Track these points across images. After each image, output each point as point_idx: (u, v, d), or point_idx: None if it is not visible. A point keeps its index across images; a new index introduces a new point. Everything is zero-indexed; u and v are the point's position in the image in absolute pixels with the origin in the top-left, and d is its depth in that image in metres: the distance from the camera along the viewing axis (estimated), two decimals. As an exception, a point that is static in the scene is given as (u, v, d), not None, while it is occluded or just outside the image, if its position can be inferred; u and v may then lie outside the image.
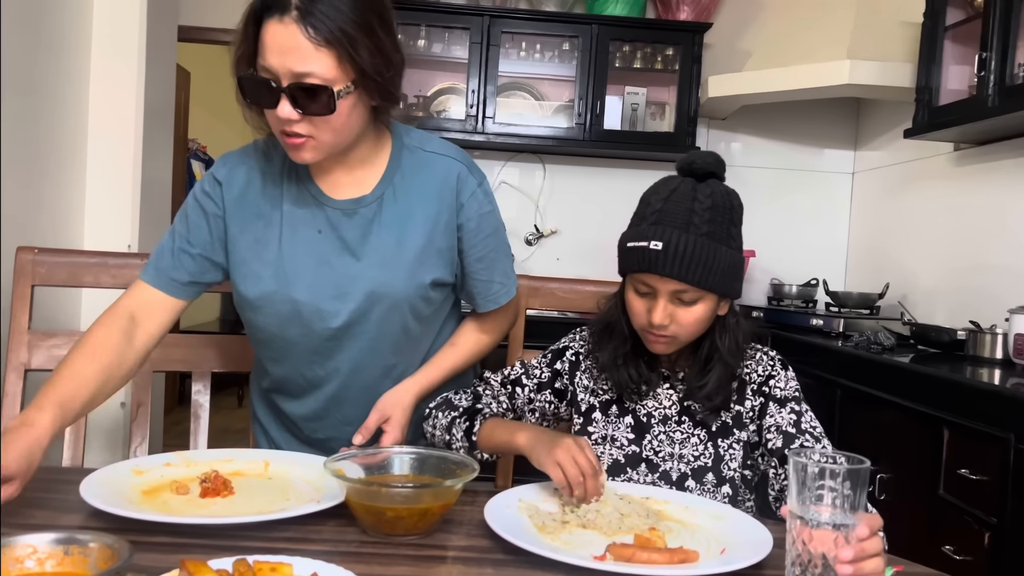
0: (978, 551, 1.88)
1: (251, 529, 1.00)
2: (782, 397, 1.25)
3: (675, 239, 1.14)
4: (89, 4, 2.33)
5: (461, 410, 1.29)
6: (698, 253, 1.14)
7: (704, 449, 1.25)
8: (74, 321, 2.30)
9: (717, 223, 1.17)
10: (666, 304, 1.17)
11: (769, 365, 1.28)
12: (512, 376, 1.37)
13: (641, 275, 1.18)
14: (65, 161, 2.26)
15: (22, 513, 1.02)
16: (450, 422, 1.28)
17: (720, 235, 1.17)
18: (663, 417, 1.27)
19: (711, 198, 1.17)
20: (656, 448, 1.26)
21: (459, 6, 3.76)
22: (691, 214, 1.16)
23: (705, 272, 1.14)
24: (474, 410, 1.28)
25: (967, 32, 2.71)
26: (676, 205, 1.17)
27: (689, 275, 1.14)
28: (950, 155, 3.17)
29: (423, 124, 3.76)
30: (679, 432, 1.26)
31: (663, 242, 1.14)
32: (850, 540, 0.82)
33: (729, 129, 4.08)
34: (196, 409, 1.49)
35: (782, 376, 1.27)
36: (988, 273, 2.89)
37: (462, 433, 1.26)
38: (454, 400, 1.32)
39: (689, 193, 1.18)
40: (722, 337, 1.23)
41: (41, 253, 1.47)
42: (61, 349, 1.43)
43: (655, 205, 1.19)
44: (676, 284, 1.15)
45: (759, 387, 1.27)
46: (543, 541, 0.99)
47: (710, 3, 3.86)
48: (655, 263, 1.15)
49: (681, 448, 1.26)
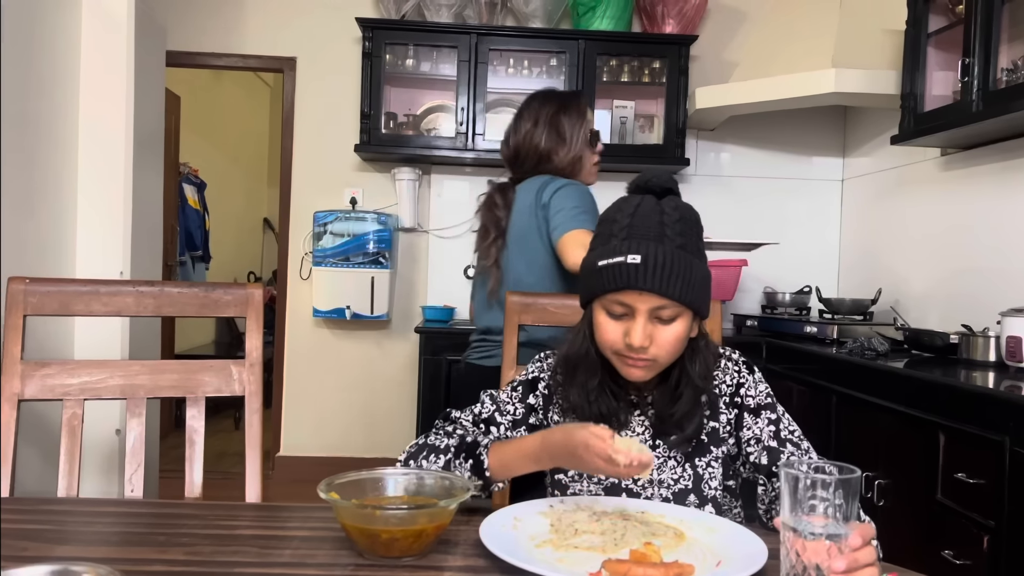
0: (977, 555, 1.88)
1: (247, 555, 1.00)
2: (756, 406, 1.23)
3: (652, 251, 1.10)
4: (77, 32, 2.34)
5: (453, 450, 1.17)
6: (676, 265, 1.10)
7: (683, 472, 1.22)
8: (67, 350, 2.30)
9: (688, 236, 1.14)
10: (645, 323, 1.12)
11: (735, 372, 1.25)
12: (484, 415, 1.28)
13: (617, 294, 1.13)
14: (56, 189, 2.27)
15: (16, 545, 1.01)
16: (445, 465, 1.17)
17: (692, 248, 1.14)
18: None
19: (678, 211, 1.15)
20: (635, 476, 1.24)
21: (446, 25, 3.78)
22: (663, 227, 1.12)
23: (685, 285, 1.11)
24: (468, 445, 1.18)
25: (950, 38, 2.74)
26: (645, 219, 1.13)
27: (670, 288, 1.10)
28: (937, 160, 3.19)
29: (413, 142, 3.78)
30: (655, 457, 1.22)
31: (641, 255, 1.10)
32: (843, 550, 0.82)
33: (718, 140, 4.10)
34: (191, 435, 1.49)
35: (751, 382, 1.24)
36: (979, 276, 2.91)
37: (468, 472, 1.16)
38: (433, 443, 1.20)
39: (655, 207, 1.15)
40: (692, 361, 1.19)
41: (32, 283, 1.48)
42: (54, 379, 1.43)
43: (622, 221, 1.15)
44: (656, 299, 1.11)
45: (731, 398, 1.24)
46: (539, 559, 0.99)
47: (695, 16, 3.89)
48: (634, 278, 1.10)
49: (659, 473, 1.22)
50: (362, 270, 3.81)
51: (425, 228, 4.08)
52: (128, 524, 1.17)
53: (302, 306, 4.06)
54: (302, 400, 4.10)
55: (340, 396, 4.09)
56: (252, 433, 1.48)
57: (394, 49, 3.79)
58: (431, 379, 3.45)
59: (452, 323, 3.85)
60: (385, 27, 3.75)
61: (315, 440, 4.09)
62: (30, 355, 1.45)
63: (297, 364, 4.09)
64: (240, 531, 1.12)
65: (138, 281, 1.52)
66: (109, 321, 2.32)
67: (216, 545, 1.04)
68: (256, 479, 1.44)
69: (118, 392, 1.46)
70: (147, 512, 1.23)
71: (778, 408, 1.24)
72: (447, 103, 3.88)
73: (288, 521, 1.17)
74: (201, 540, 1.06)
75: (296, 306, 4.09)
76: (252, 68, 4.29)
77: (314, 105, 4.05)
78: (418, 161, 3.96)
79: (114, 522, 1.18)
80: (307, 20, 4.03)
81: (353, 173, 4.06)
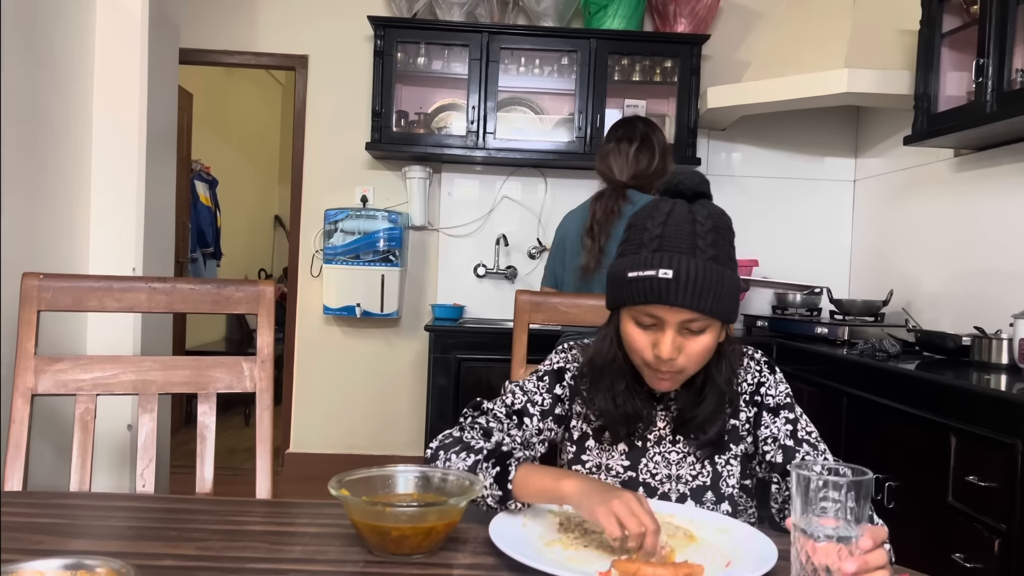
0: (988, 558, 1.87)
1: (257, 551, 1.00)
2: (775, 405, 1.23)
3: (684, 266, 1.07)
4: (91, 30, 2.36)
5: (485, 452, 1.14)
6: (708, 279, 1.08)
7: (701, 468, 1.22)
8: (80, 345, 2.31)
9: (720, 246, 1.11)
10: (674, 336, 1.10)
11: (757, 371, 1.25)
12: (516, 406, 1.26)
13: (647, 307, 1.10)
14: (69, 186, 2.28)
15: (31, 539, 1.02)
16: (472, 465, 1.13)
17: (723, 258, 1.11)
18: (657, 439, 1.24)
19: (710, 219, 1.11)
20: (652, 471, 1.23)
21: (458, 23, 3.79)
22: (695, 237, 1.09)
23: (716, 299, 1.08)
24: (501, 453, 1.13)
25: (964, 39, 2.72)
26: (677, 229, 1.10)
27: (701, 303, 1.07)
28: (950, 161, 3.17)
29: (424, 141, 3.79)
30: (674, 452, 1.23)
31: (673, 270, 1.07)
32: (854, 552, 0.82)
33: (729, 139, 4.09)
34: (202, 431, 1.49)
35: (771, 382, 1.25)
36: (992, 278, 2.89)
37: (492, 480, 1.11)
38: (467, 440, 1.18)
39: (687, 215, 1.11)
40: (718, 366, 1.18)
41: (46, 279, 1.49)
42: (68, 374, 1.44)
43: (653, 230, 1.11)
44: (687, 314, 1.09)
45: (751, 397, 1.24)
46: (548, 558, 0.99)
47: (707, 15, 3.88)
48: (665, 293, 1.07)
49: (678, 469, 1.23)
50: (372, 268, 3.82)
51: (435, 226, 4.09)
52: (140, 519, 1.17)
53: (312, 304, 4.08)
54: (312, 397, 4.12)
55: (350, 394, 4.10)
56: (263, 429, 1.49)
57: (406, 47, 3.79)
58: (441, 377, 3.46)
59: (462, 321, 3.86)
60: (397, 25, 3.75)
61: (324, 437, 4.10)
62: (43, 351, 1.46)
63: (307, 361, 4.11)
64: (251, 527, 1.12)
65: (151, 277, 1.53)
66: (121, 317, 2.33)
67: (227, 540, 1.05)
68: (267, 475, 1.45)
69: (130, 388, 1.47)
70: (159, 507, 1.24)
71: (796, 409, 1.24)
72: (458, 101, 3.89)
73: (298, 517, 1.18)
74: (212, 535, 1.06)
75: (306, 304, 4.10)
76: (264, 66, 4.31)
77: (326, 103, 4.06)
78: (429, 159, 3.96)
79: (126, 517, 1.19)
80: (319, 18, 4.04)
81: (364, 171, 4.07)
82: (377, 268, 3.83)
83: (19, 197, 2.02)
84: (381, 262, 3.82)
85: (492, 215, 4.08)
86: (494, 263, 4.05)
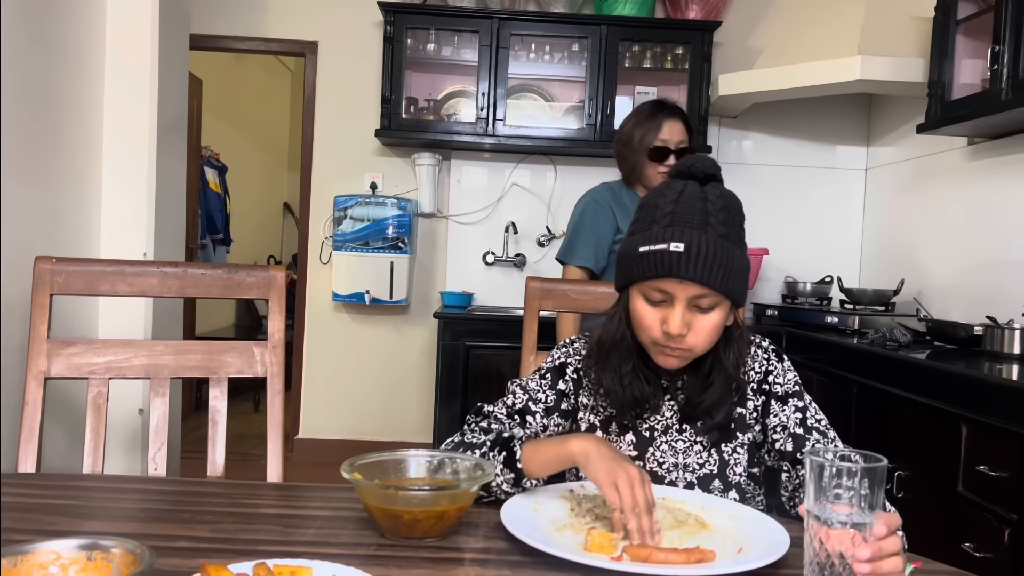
0: (998, 548, 1.87)
1: (270, 533, 1.01)
2: (783, 394, 1.23)
3: (696, 240, 1.08)
4: (102, 15, 2.36)
5: (488, 443, 1.15)
6: (719, 255, 1.09)
7: (708, 456, 1.23)
8: (92, 329, 2.32)
9: (730, 225, 1.12)
10: (684, 311, 1.11)
11: (764, 360, 1.25)
12: (518, 405, 1.26)
13: (658, 281, 1.11)
14: (81, 171, 2.29)
15: (44, 519, 1.03)
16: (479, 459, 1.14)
17: (733, 237, 1.12)
18: (664, 427, 1.24)
19: (722, 199, 1.13)
20: (660, 459, 1.23)
21: (468, 9, 3.77)
22: (706, 215, 1.10)
23: (726, 275, 1.09)
24: (503, 440, 1.15)
25: (979, 26, 2.70)
26: (689, 206, 1.11)
27: (712, 278, 1.08)
28: (964, 149, 3.15)
29: (434, 127, 3.78)
30: (681, 441, 1.23)
31: (684, 243, 1.08)
32: (868, 539, 0.82)
33: (740, 127, 4.07)
34: (213, 415, 1.50)
35: (779, 370, 1.25)
36: (1004, 268, 2.87)
37: (501, 465, 1.12)
38: (469, 440, 1.18)
39: (699, 195, 1.12)
40: (726, 349, 1.18)
41: (59, 263, 1.49)
42: (80, 357, 1.45)
43: (665, 208, 1.12)
44: (696, 288, 1.09)
45: (759, 385, 1.24)
46: (559, 542, 0.99)
47: (719, 1, 3.85)
48: (676, 266, 1.08)
49: (685, 457, 1.23)
50: (381, 255, 3.82)
51: (444, 214, 4.08)
52: (153, 501, 1.18)
53: (322, 290, 4.08)
54: (321, 383, 4.13)
55: (359, 380, 4.11)
56: (274, 414, 1.49)
57: (415, 34, 3.78)
58: (449, 364, 3.46)
59: (470, 309, 3.86)
60: (407, 11, 3.74)
61: (333, 423, 4.12)
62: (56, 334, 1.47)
63: (316, 348, 4.12)
64: (263, 510, 1.13)
65: (162, 262, 1.53)
66: (133, 302, 2.34)
67: (240, 523, 1.05)
68: (277, 460, 1.45)
69: (142, 372, 1.47)
70: (172, 490, 1.24)
71: (805, 396, 1.24)
72: (468, 88, 3.88)
73: (311, 501, 1.18)
74: (225, 518, 1.07)
75: (316, 290, 4.11)
76: (274, 52, 4.30)
77: (335, 89, 4.06)
78: (438, 146, 3.95)
79: (140, 499, 1.20)
80: (329, 4, 4.03)
81: (373, 158, 4.06)
82: (386, 255, 3.83)
83: (32, 183, 2.03)
84: (390, 249, 3.83)
85: (501, 202, 4.08)
86: (503, 251, 4.05)
